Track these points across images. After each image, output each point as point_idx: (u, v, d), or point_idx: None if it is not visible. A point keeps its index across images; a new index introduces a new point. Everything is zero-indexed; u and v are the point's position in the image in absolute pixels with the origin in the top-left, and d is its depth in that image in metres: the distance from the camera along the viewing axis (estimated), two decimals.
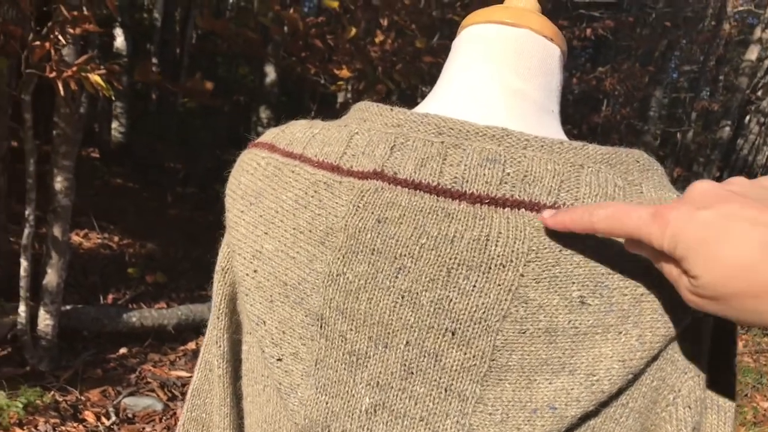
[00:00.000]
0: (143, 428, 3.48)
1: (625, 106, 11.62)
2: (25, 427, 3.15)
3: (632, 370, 0.52)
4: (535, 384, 0.53)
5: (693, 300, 0.46)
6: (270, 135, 0.66)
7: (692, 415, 0.55)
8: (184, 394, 3.92)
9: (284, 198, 0.60)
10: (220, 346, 0.68)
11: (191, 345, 4.57)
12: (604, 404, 0.54)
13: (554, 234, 0.53)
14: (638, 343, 0.52)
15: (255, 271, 0.60)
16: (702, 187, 0.46)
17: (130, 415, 3.58)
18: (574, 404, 0.52)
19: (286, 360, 0.57)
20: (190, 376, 4.09)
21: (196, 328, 4.69)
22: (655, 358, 0.54)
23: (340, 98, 6.36)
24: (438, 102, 0.64)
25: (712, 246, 0.43)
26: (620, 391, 0.54)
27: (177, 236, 6.54)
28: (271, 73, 7.17)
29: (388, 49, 5.16)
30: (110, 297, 4.94)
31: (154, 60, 9.63)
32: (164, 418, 3.61)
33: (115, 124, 9.10)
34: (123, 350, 4.25)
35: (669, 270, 0.48)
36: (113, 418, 3.46)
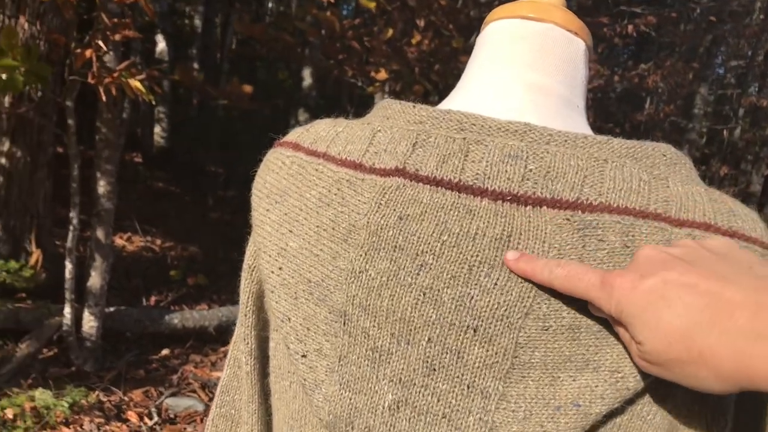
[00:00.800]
0: (185, 428, 3.54)
1: (668, 103, 11.41)
2: (71, 426, 3.22)
3: None
4: (558, 381, 0.52)
5: (642, 365, 0.48)
6: (295, 134, 0.67)
7: (721, 413, 0.54)
8: None
9: (308, 196, 0.61)
10: (247, 344, 0.69)
11: None
12: (631, 401, 0.53)
13: (576, 231, 0.52)
14: None
15: (280, 269, 0.61)
16: (647, 253, 0.47)
17: (171, 416, 3.63)
18: (599, 401, 0.51)
19: (310, 356, 0.58)
20: None
21: None
22: None
23: (377, 100, 6.37)
24: (461, 98, 0.63)
25: (653, 313, 0.45)
26: (647, 389, 0.53)
27: (218, 239, 6.63)
28: (308, 76, 7.22)
29: (425, 50, 5.15)
30: (152, 299, 5.03)
31: (195, 65, 9.79)
32: (205, 418, 3.66)
33: (157, 129, 9.27)
34: (165, 351, 4.32)
35: (622, 333, 0.49)
36: (155, 418, 3.52)
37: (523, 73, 0.61)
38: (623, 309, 0.46)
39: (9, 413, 3.13)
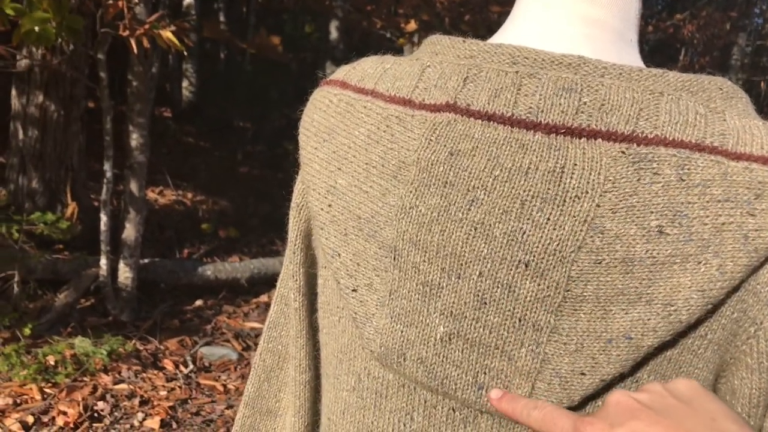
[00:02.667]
0: (219, 376, 3.62)
1: (704, 54, 11.11)
2: (109, 373, 3.32)
3: (711, 300, 0.51)
4: (610, 314, 0.52)
5: None
6: (342, 72, 0.66)
7: None
8: (257, 344, 4.05)
9: (356, 134, 0.61)
10: (296, 280, 0.70)
11: (264, 298, 4.69)
12: (682, 335, 0.53)
13: (631, 164, 0.52)
14: (718, 273, 0.51)
15: (329, 206, 0.61)
16: (617, 399, 0.48)
17: (206, 364, 3.72)
18: (651, 334, 0.51)
19: (360, 291, 0.59)
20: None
21: (268, 282, 4.81)
22: (736, 289, 0.52)
23: (407, 52, 6.30)
24: (512, 32, 0.62)
25: None
26: (698, 323, 0.53)
27: (247, 193, 6.68)
28: (335, 29, 7.15)
29: (455, 0, 5.06)
30: (185, 251, 5.11)
31: (222, 18, 9.73)
32: (239, 367, 3.75)
33: (185, 84, 9.28)
34: (199, 302, 4.40)
35: None
36: (191, 366, 3.61)
37: (577, 4, 0.60)
38: None
39: (51, 360, 3.23)
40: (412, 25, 5.30)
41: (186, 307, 4.32)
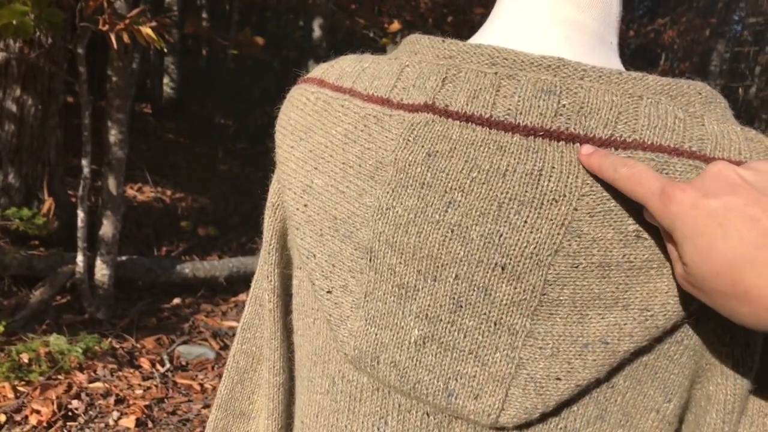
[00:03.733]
0: (196, 375, 3.59)
1: (684, 60, 11.23)
2: (85, 371, 3.28)
3: (688, 306, 0.51)
4: (587, 319, 0.52)
5: (684, 285, 0.47)
6: (319, 70, 0.65)
7: (750, 353, 0.54)
8: None
9: (334, 133, 0.60)
10: (270, 281, 0.69)
11: (242, 296, 4.66)
12: (658, 340, 0.53)
13: None
14: None
15: (305, 206, 0.60)
16: (718, 169, 0.45)
17: (183, 363, 3.69)
18: (627, 339, 0.51)
19: (335, 292, 0.58)
20: None
21: (247, 280, 4.78)
22: None
23: (390, 52, 6.30)
24: (492, 33, 0.62)
25: (706, 239, 0.43)
26: (675, 328, 0.52)
27: (228, 191, 6.64)
28: (318, 27, 7.13)
29: (439, 1, 5.06)
30: (163, 249, 5.07)
31: (205, 15, 9.67)
32: (216, 366, 3.72)
33: (166, 80, 9.22)
34: (176, 300, 4.36)
35: (670, 249, 0.48)
36: (167, 365, 3.58)
37: (557, 7, 0.59)
38: (677, 226, 0.44)
39: (24, 357, 3.19)
40: (396, 25, 5.30)
41: (163, 306, 4.28)
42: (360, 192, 0.57)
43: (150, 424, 3.02)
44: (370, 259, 0.56)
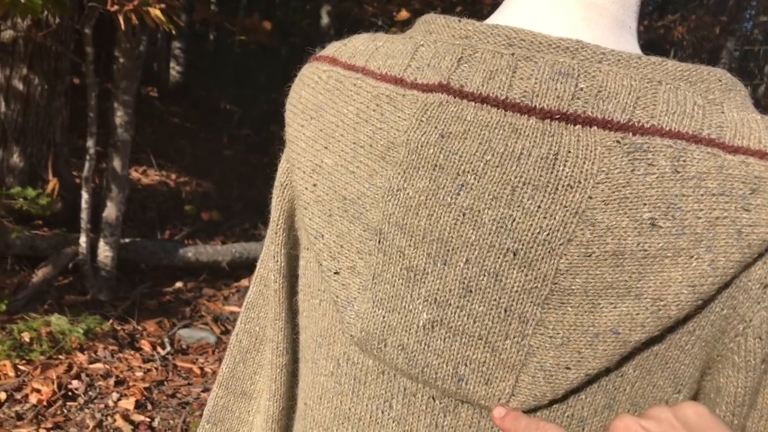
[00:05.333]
0: (196, 359, 3.60)
1: (693, 57, 11.15)
2: (85, 352, 3.29)
3: (702, 296, 0.50)
4: (598, 308, 0.51)
5: None
6: (332, 48, 0.64)
7: (762, 347, 0.53)
8: None
9: (345, 112, 0.59)
10: (277, 261, 0.68)
11: (244, 282, 4.66)
12: (670, 330, 0.52)
13: (626, 154, 0.51)
14: (710, 269, 0.49)
15: (314, 185, 0.59)
16: (626, 427, 0.46)
17: (184, 346, 3.69)
18: (639, 329, 0.50)
19: (343, 273, 0.57)
20: None
21: (249, 266, 4.78)
22: (727, 285, 0.51)
23: None
24: (508, 14, 0.61)
25: None
26: (687, 318, 0.51)
27: (232, 176, 6.63)
28: (326, 15, 7.09)
29: None
30: (167, 232, 5.06)
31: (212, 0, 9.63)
32: (217, 350, 3.72)
33: (173, 64, 9.19)
34: (178, 284, 4.36)
35: None
36: (168, 348, 3.58)
37: None
38: None
39: (26, 337, 3.19)
40: (404, 14, 5.27)
41: (165, 289, 4.28)
42: (370, 172, 0.56)
43: (149, 406, 3.03)
44: (379, 241, 0.55)
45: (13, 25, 3.97)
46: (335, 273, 0.58)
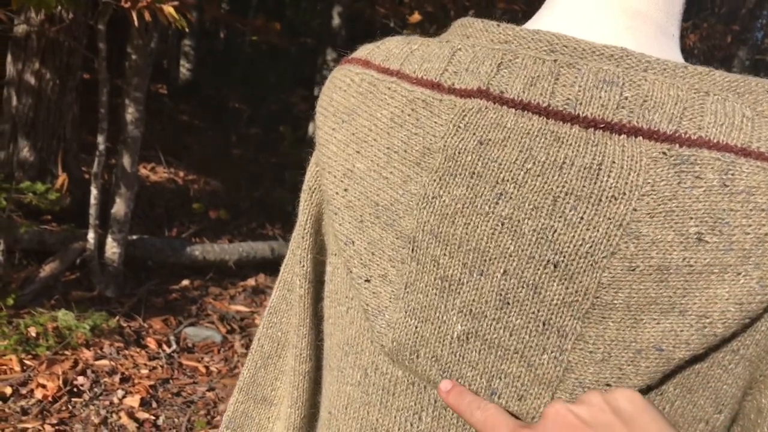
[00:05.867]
0: (202, 358, 3.59)
1: (704, 65, 11.09)
2: (91, 348, 3.28)
3: (749, 314, 0.48)
4: (641, 324, 0.49)
5: None
6: (364, 51, 0.63)
7: None
8: (242, 328, 4.01)
9: (379, 116, 0.57)
10: (303, 266, 0.67)
11: (251, 281, 4.66)
12: (713, 348, 0.50)
13: (672, 166, 0.49)
14: (758, 286, 0.48)
15: (345, 190, 0.58)
16: (556, 411, 0.47)
17: (189, 345, 3.69)
18: (683, 347, 0.49)
19: (374, 281, 0.55)
20: (250, 312, 4.18)
21: (256, 266, 4.78)
22: None
23: None
24: (548, 19, 0.59)
25: None
26: (732, 336, 0.50)
27: (240, 175, 6.63)
28: (337, 15, 7.09)
29: None
30: (174, 230, 5.06)
31: None
32: (222, 349, 3.71)
33: (183, 62, 9.20)
34: (185, 282, 4.36)
35: None
36: (174, 346, 3.58)
37: None
38: None
39: (32, 331, 3.19)
40: (417, 17, 5.25)
41: (172, 287, 4.28)
42: (405, 179, 0.54)
43: (154, 404, 3.02)
44: (413, 249, 0.54)
45: (26, 20, 3.97)
46: (366, 281, 0.56)
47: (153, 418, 2.92)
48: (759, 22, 12.36)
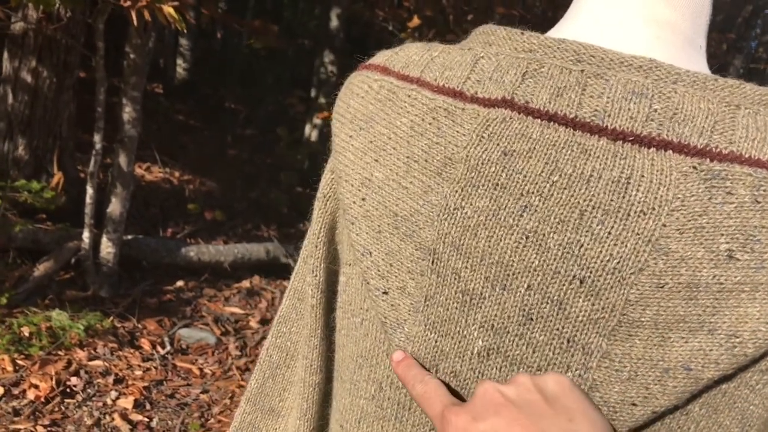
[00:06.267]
0: (196, 360, 3.57)
1: None
2: (85, 349, 3.26)
3: None
4: (668, 342, 0.48)
5: None
6: (383, 57, 0.62)
7: None
8: (237, 330, 3.99)
9: (398, 124, 0.56)
10: (316, 276, 0.65)
11: (245, 283, 4.63)
12: (742, 368, 0.49)
13: (703, 181, 0.48)
14: None
15: (363, 200, 0.57)
16: (483, 390, 0.48)
17: (184, 346, 3.66)
18: (712, 366, 0.47)
19: (392, 293, 0.54)
20: (244, 314, 4.15)
21: (251, 267, 4.75)
22: None
23: None
24: (574, 28, 0.58)
25: None
26: (761, 356, 0.49)
27: (236, 176, 6.60)
28: (335, 17, 7.07)
29: None
30: (169, 230, 5.03)
31: None
32: (216, 351, 3.69)
33: (179, 61, 9.17)
34: (180, 283, 4.33)
35: None
36: (168, 347, 3.55)
37: (649, 4, 0.55)
38: None
39: (25, 331, 3.16)
40: (415, 21, 5.24)
41: (167, 287, 4.25)
42: (425, 189, 0.53)
43: (148, 406, 3.00)
44: (433, 261, 0.52)
45: (24, 17, 3.94)
46: (384, 293, 0.55)
47: (146, 420, 2.89)
48: (754, 31, 12.41)
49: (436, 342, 0.52)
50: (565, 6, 0.62)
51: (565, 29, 0.59)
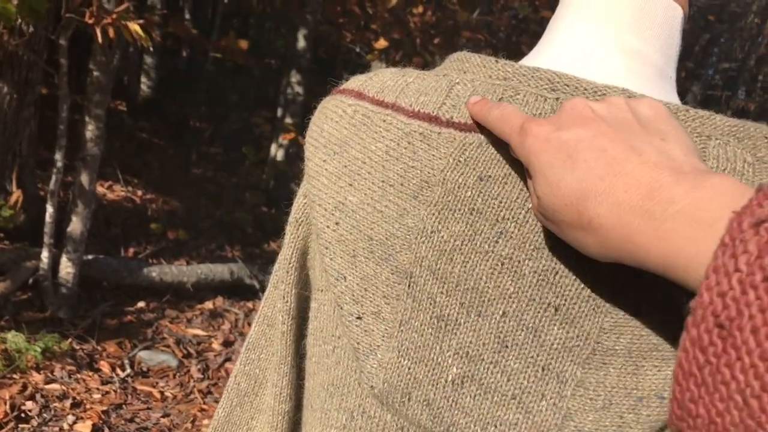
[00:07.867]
0: (157, 383, 3.49)
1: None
2: (42, 372, 3.17)
3: None
4: (642, 370, 0.48)
5: (539, 218, 0.47)
6: (357, 82, 0.61)
7: None
8: (199, 352, 3.92)
9: (373, 148, 0.56)
10: (287, 302, 0.64)
11: (209, 305, 4.57)
12: None
13: None
14: None
15: (336, 224, 0.56)
16: (573, 104, 0.46)
17: (144, 369, 3.59)
18: None
19: (366, 319, 0.53)
20: (207, 336, 4.08)
21: (214, 288, 4.69)
22: None
23: (375, 68, 6.28)
24: (547, 56, 0.58)
25: (557, 171, 0.43)
26: None
27: (200, 195, 6.53)
28: (302, 38, 7.08)
29: (428, 21, 5.07)
30: (131, 250, 4.95)
31: (187, 16, 9.57)
32: (178, 374, 3.62)
33: (144, 79, 9.08)
34: (141, 304, 4.25)
35: (529, 184, 0.48)
36: (128, 370, 3.47)
37: (620, 35, 0.56)
38: (530, 161, 0.45)
39: None
40: (382, 43, 5.28)
41: (127, 308, 4.17)
42: (401, 212, 0.53)
43: (106, 431, 2.92)
44: (409, 285, 0.52)
45: None
46: (357, 318, 0.54)
47: None
48: (711, 59, 12.77)
49: (409, 369, 0.52)
50: (529, 32, 0.63)
51: (540, 57, 0.59)
